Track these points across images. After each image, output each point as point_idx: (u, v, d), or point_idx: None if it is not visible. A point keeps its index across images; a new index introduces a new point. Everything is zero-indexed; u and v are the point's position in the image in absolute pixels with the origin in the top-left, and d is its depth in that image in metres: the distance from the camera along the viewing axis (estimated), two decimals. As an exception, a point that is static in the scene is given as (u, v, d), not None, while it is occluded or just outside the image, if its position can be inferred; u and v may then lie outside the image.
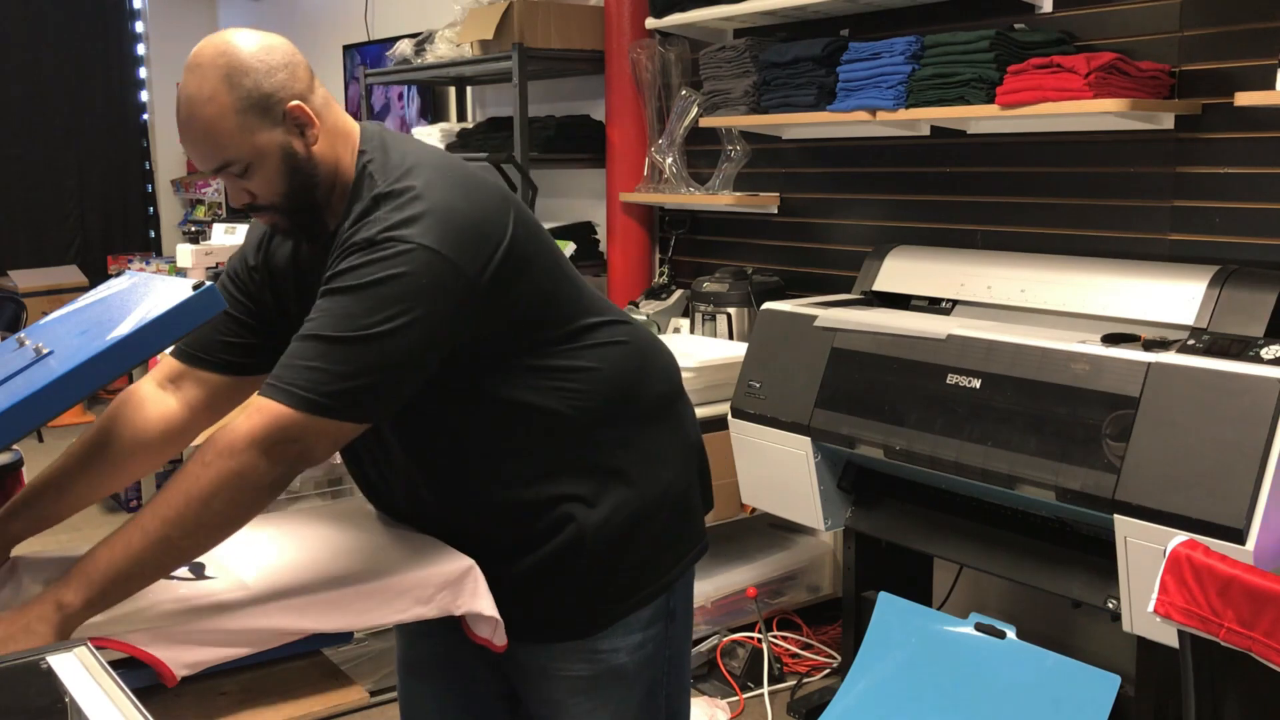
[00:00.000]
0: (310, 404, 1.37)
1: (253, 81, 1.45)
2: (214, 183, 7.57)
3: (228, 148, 1.45)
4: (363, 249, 1.42)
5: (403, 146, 1.55)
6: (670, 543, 1.69)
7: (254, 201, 1.51)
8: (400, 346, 1.40)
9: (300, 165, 1.49)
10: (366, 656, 3.12)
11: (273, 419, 1.37)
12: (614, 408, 1.63)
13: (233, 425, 1.38)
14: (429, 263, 1.41)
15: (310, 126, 1.49)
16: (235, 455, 1.36)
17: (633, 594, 1.65)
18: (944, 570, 3.19)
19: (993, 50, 2.94)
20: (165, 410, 1.67)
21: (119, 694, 1.08)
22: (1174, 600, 1.75)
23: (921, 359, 2.68)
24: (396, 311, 1.39)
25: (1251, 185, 2.73)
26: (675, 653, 1.74)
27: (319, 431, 1.39)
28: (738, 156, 3.97)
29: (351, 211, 1.49)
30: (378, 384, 1.41)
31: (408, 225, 1.42)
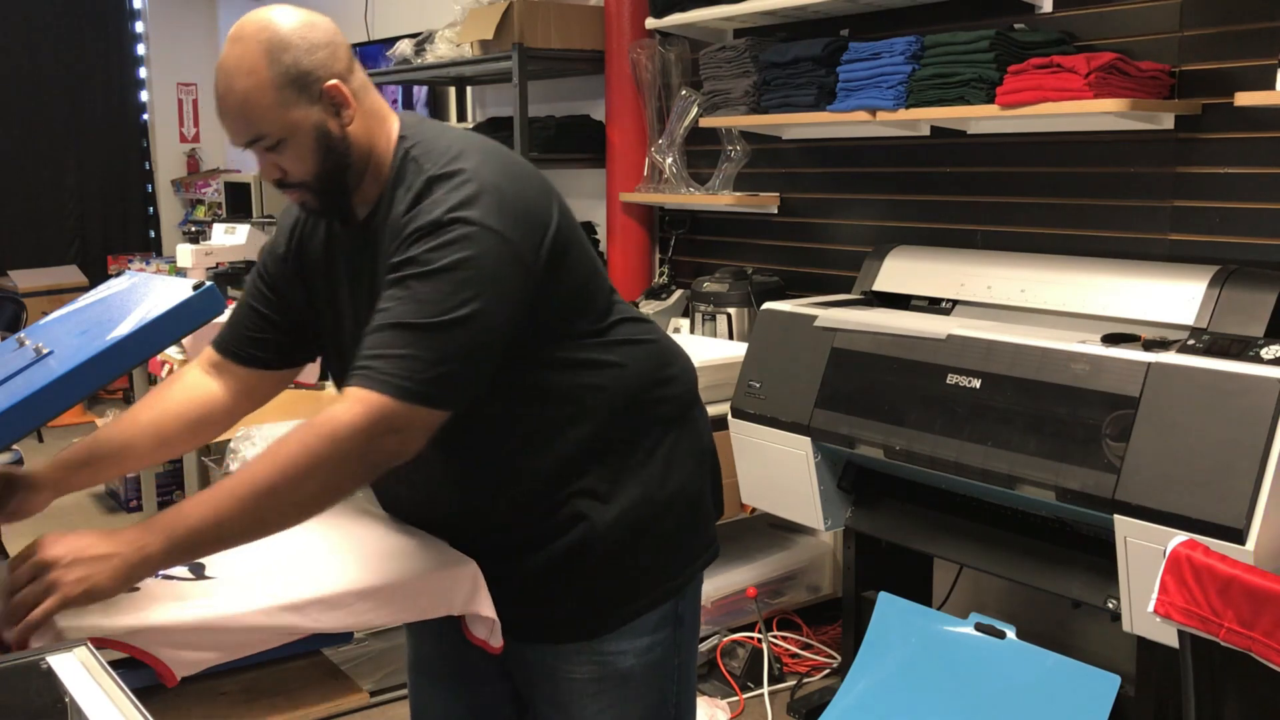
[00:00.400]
0: (410, 393, 1.37)
1: (292, 58, 1.45)
2: (214, 183, 7.57)
3: (262, 121, 1.46)
4: (430, 233, 1.42)
5: (446, 132, 1.57)
6: (680, 546, 1.69)
7: (284, 178, 1.52)
8: (481, 328, 1.41)
9: (334, 145, 1.49)
10: (366, 656, 3.11)
11: (375, 410, 1.37)
12: (634, 406, 1.63)
13: (333, 412, 1.37)
14: (495, 244, 1.42)
15: (346, 107, 1.50)
16: (336, 441, 1.36)
17: (641, 596, 1.65)
18: (944, 570, 3.19)
19: (993, 50, 2.94)
20: (209, 394, 1.70)
21: (119, 694, 1.09)
22: (1174, 600, 1.75)
23: (921, 359, 2.68)
24: (472, 294, 1.40)
25: (1251, 185, 2.73)
26: (684, 660, 1.74)
27: (418, 421, 1.39)
28: (738, 156, 3.97)
29: (396, 197, 1.49)
30: (466, 369, 1.42)
31: (469, 206, 1.42)
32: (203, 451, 4.24)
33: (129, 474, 1.69)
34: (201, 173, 8.06)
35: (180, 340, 2.65)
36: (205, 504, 1.36)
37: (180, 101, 8.12)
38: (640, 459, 1.63)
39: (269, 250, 1.71)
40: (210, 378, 1.72)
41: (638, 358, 1.65)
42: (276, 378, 1.74)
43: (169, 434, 1.68)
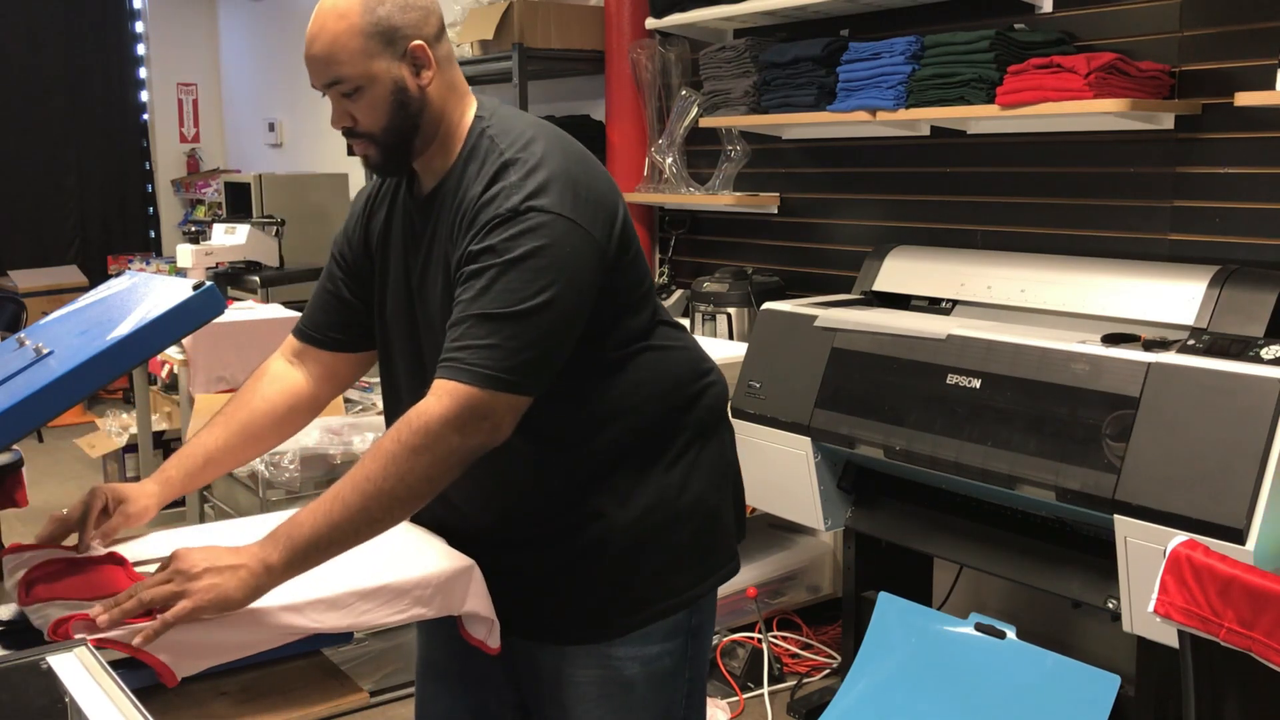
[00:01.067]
0: (495, 381, 1.42)
1: (386, 11, 1.50)
2: (214, 183, 7.57)
3: (344, 64, 1.50)
4: (506, 220, 1.45)
5: (521, 118, 1.61)
6: (695, 557, 1.68)
7: (354, 126, 1.55)
8: (558, 314, 1.45)
9: (408, 103, 1.53)
10: (366, 656, 3.12)
11: (464, 400, 1.41)
12: (665, 411, 1.64)
13: (425, 407, 1.42)
14: (569, 231, 1.46)
15: (427, 68, 1.53)
16: (430, 435, 1.41)
17: (652, 603, 1.64)
18: (944, 570, 3.19)
19: (993, 50, 2.94)
20: (293, 384, 1.75)
21: (119, 694, 1.09)
22: (1174, 600, 1.75)
23: (921, 359, 2.68)
24: (549, 281, 1.44)
25: (1251, 185, 2.73)
26: (694, 676, 1.73)
27: (506, 406, 1.44)
28: (738, 156, 3.97)
29: (469, 171, 1.53)
30: (547, 354, 1.46)
31: (544, 194, 1.46)
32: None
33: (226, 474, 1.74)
34: (201, 173, 8.06)
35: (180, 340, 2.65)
36: (319, 511, 1.41)
37: (180, 101, 8.12)
38: (663, 465, 1.64)
39: (342, 232, 1.75)
40: (293, 367, 1.77)
41: (674, 362, 1.67)
42: (358, 360, 1.78)
43: (259, 431, 1.73)
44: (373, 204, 1.73)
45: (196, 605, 1.34)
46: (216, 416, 1.72)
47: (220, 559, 1.38)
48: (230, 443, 1.70)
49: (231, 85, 8.08)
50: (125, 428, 4.92)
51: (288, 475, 3.34)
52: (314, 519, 1.41)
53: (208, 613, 1.35)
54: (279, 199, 6.09)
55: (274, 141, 7.46)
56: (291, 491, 3.33)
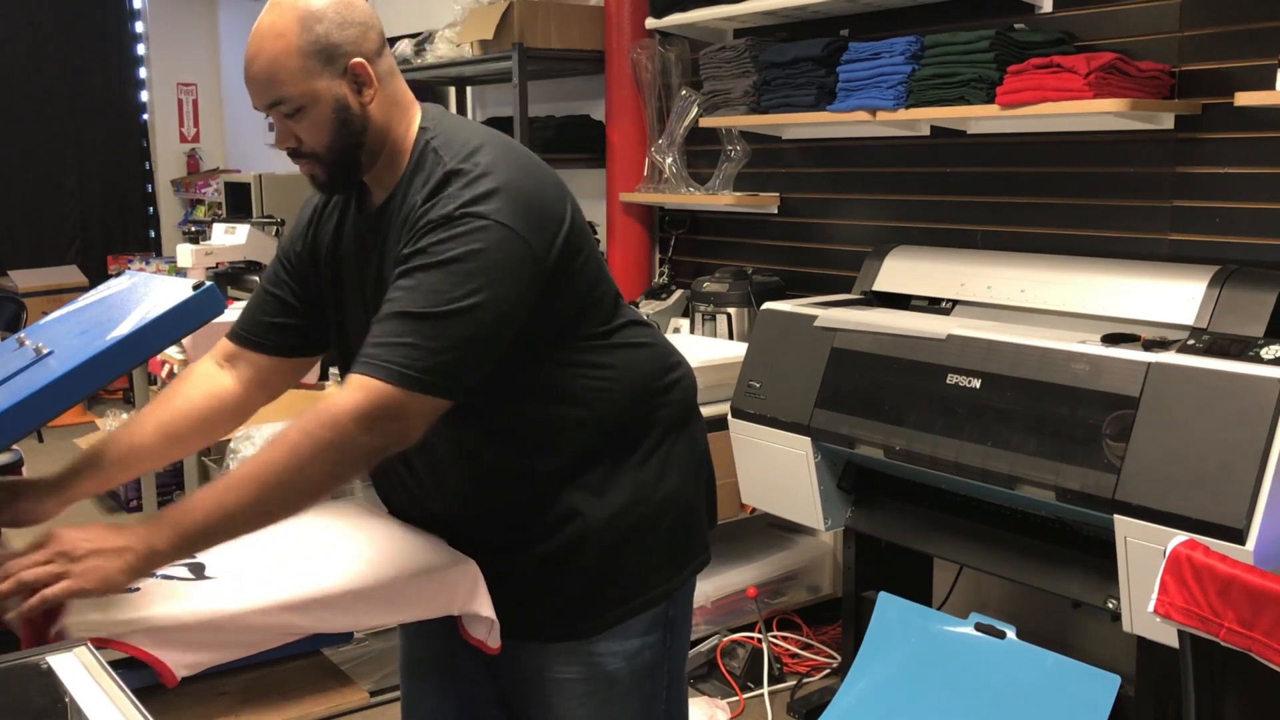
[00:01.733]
0: (409, 380, 1.40)
1: (324, 29, 1.49)
2: (214, 183, 7.57)
3: (285, 84, 1.49)
4: (441, 225, 1.44)
5: (466, 127, 1.59)
6: (672, 551, 1.69)
7: (299, 147, 1.55)
8: (484, 319, 1.43)
9: (350, 120, 1.52)
10: (366, 656, 3.11)
11: (375, 396, 1.39)
12: (636, 408, 1.64)
13: (334, 400, 1.40)
14: (505, 238, 1.44)
15: (368, 86, 1.53)
16: (338, 429, 1.39)
17: (631, 598, 1.65)
18: (944, 570, 3.19)
19: (993, 50, 2.94)
20: (222, 388, 1.72)
21: (119, 694, 1.09)
22: (1174, 600, 1.75)
23: (921, 359, 2.68)
24: (478, 285, 1.42)
25: (1251, 185, 2.73)
26: (674, 667, 1.74)
27: (418, 408, 1.42)
28: (738, 156, 3.97)
29: (414, 184, 1.52)
30: (467, 358, 1.44)
31: (482, 202, 1.45)
32: (203, 451, 4.24)
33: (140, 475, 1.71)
34: (201, 173, 8.06)
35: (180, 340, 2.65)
36: (211, 497, 1.39)
37: (180, 101, 8.12)
38: (636, 461, 1.64)
39: (288, 237, 1.74)
40: (223, 370, 1.74)
41: (642, 360, 1.66)
42: (290, 366, 1.76)
43: (179, 431, 1.69)
44: (321, 214, 1.71)
45: (78, 587, 1.32)
46: (135, 415, 1.69)
47: (105, 540, 1.36)
48: (146, 442, 1.66)
49: (231, 85, 8.07)
50: (125, 428, 4.90)
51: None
52: (207, 505, 1.39)
53: (90, 594, 1.33)
54: (279, 199, 6.09)
55: (274, 141, 7.45)
56: None
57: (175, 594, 1.47)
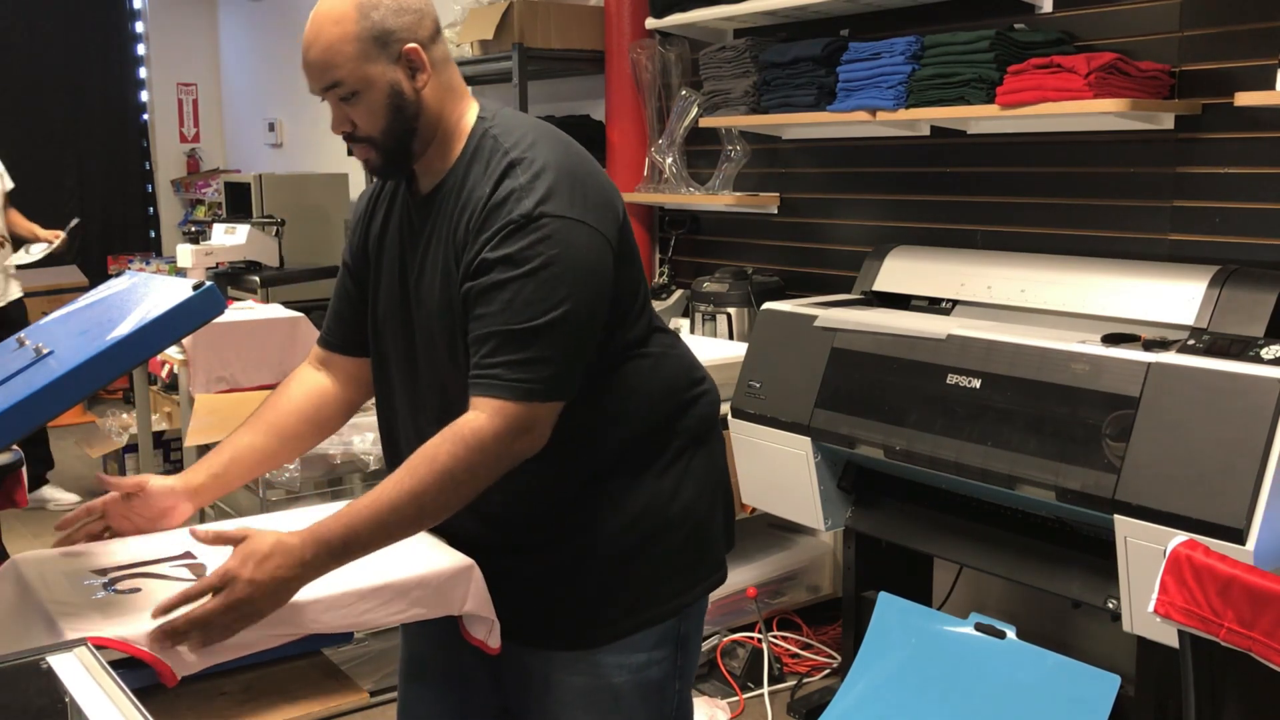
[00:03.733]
0: (534, 394, 1.47)
1: (380, 15, 1.52)
2: (214, 183, 7.57)
3: (340, 69, 1.52)
4: (521, 228, 1.47)
5: (522, 118, 1.63)
6: (684, 566, 1.69)
7: (354, 131, 1.57)
8: (583, 318, 1.49)
9: (404, 105, 1.55)
10: (366, 656, 3.12)
11: (510, 417, 1.46)
12: (659, 417, 1.65)
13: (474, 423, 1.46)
14: (586, 235, 1.50)
15: (422, 71, 1.55)
16: (483, 451, 1.45)
17: (640, 611, 1.65)
18: (944, 570, 3.19)
19: (993, 50, 2.94)
20: (318, 386, 1.79)
21: (119, 694, 1.09)
22: (1174, 600, 1.75)
23: (921, 359, 2.68)
24: (569, 289, 1.47)
25: (1251, 185, 2.73)
26: (683, 687, 1.74)
27: (545, 416, 1.49)
28: (738, 156, 3.97)
29: (473, 171, 1.55)
30: (576, 357, 1.50)
31: (553, 198, 1.48)
32: (203, 451, 4.24)
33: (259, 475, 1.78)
34: (201, 173, 8.06)
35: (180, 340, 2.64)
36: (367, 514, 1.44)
37: (180, 101, 8.12)
38: (655, 472, 1.64)
39: (348, 242, 1.78)
40: (320, 373, 1.80)
41: (670, 369, 1.68)
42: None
43: (292, 431, 1.76)
44: (374, 205, 1.74)
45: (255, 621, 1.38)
46: (249, 420, 1.76)
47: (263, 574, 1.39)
48: (257, 443, 1.73)
49: (231, 85, 8.08)
50: (125, 428, 4.92)
51: (288, 475, 3.34)
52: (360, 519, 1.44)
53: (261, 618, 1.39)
54: (279, 199, 6.09)
55: (274, 141, 7.45)
56: (291, 491, 3.33)
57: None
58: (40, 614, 1.42)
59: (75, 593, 1.48)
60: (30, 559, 1.60)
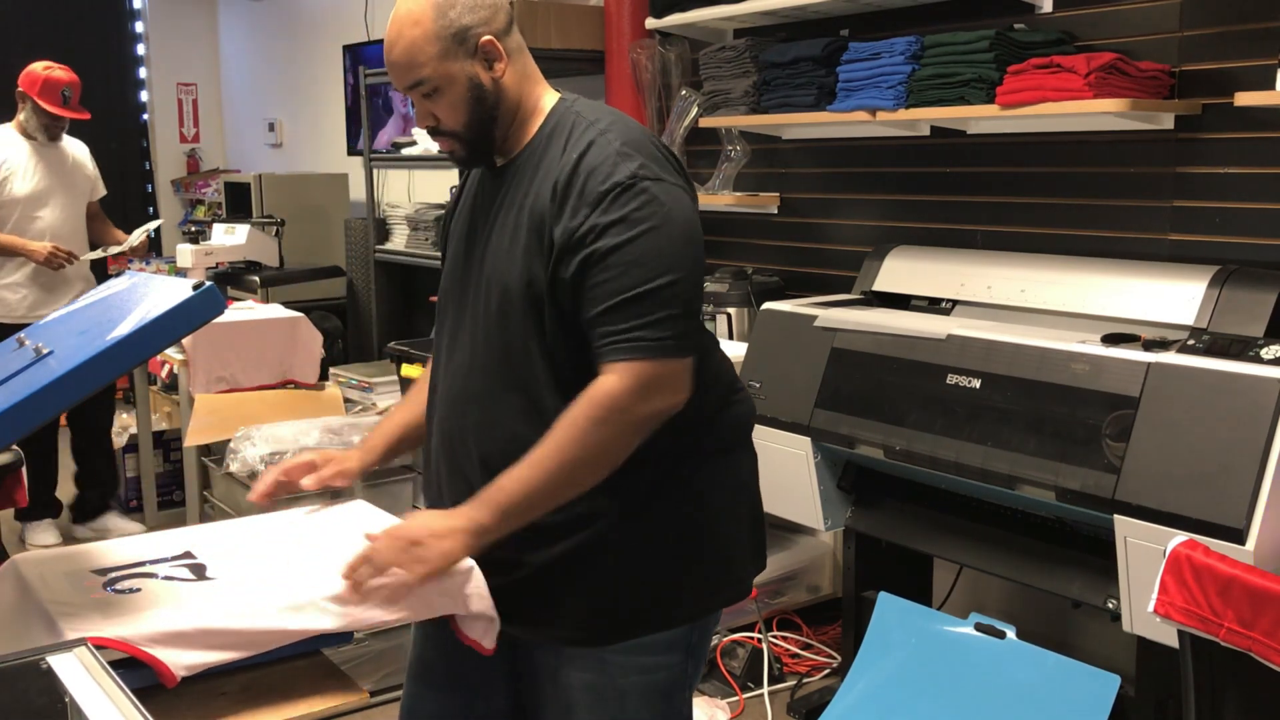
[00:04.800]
0: (662, 350, 1.53)
1: (456, 13, 1.59)
2: (214, 183, 7.57)
3: (423, 68, 1.59)
4: (625, 191, 1.53)
5: (599, 104, 1.71)
6: (701, 574, 1.68)
7: (437, 125, 1.64)
8: (690, 272, 1.56)
9: (484, 96, 1.62)
10: (366, 656, 3.12)
11: (640, 375, 1.52)
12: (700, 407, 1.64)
13: (607, 386, 1.53)
14: (678, 193, 1.58)
15: (499, 61, 1.62)
16: (618, 410, 1.52)
17: (651, 613, 1.64)
18: (944, 570, 3.19)
19: (993, 50, 2.94)
20: None
21: (119, 694, 1.09)
22: (1174, 600, 1.75)
23: (921, 359, 2.68)
24: (679, 246, 1.55)
25: (1251, 185, 2.73)
26: (688, 696, 1.74)
27: (676, 371, 1.56)
28: (738, 156, 3.97)
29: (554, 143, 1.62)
30: (694, 309, 1.58)
31: (647, 165, 1.56)
32: (203, 451, 4.25)
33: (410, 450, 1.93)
34: (201, 173, 8.06)
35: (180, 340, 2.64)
36: (521, 479, 1.53)
37: (180, 101, 8.12)
38: (683, 475, 1.65)
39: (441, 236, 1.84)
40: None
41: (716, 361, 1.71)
42: None
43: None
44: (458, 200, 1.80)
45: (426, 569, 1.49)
46: (402, 402, 1.86)
47: (438, 525, 1.53)
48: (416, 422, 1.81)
49: (231, 85, 8.08)
50: (125, 427, 4.92)
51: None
52: (518, 485, 1.53)
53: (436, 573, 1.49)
54: (279, 199, 6.09)
55: (274, 141, 7.45)
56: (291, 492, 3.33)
57: (176, 595, 1.47)
58: (40, 614, 1.42)
59: (75, 593, 1.48)
60: (30, 559, 1.61)
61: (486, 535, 1.52)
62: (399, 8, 1.60)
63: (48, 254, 4.28)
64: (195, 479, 4.24)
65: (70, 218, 4.54)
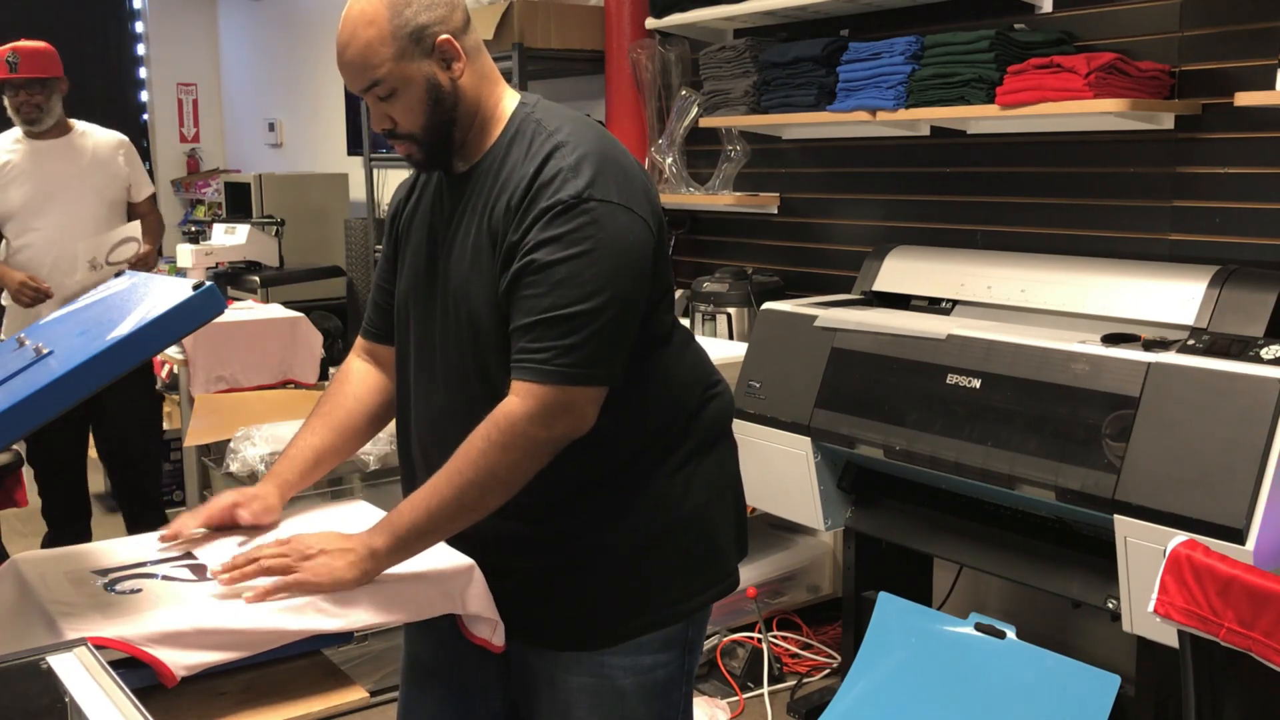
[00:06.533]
0: (570, 377, 1.48)
1: (412, 12, 1.53)
2: (214, 183, 7.57)
3: (378, 68, 1.53)
4: (568, 210, 1.48)
5: (561, 108, 1.65)
6: (693, 570, 1.68)
7: (394, 129, 1.59)
8: (622, 301, 1.50)
9: (443, 98, 1.56)
10: (366, 656, 3.12)
11: (545, 399, 1.48)
12: (675, 412, 1.64)
13: (511, 409, 1.49)
14: (627, 219, 1.51)
15: (456, 61, 1.56)
16: (516, 433, 1.48)
17: (647, 612, 1.64)
18: (944, 570, 3.19)
19: (993, 50, 2.94)
20: (377, 380, 1.81)
21: (119, 694, 1.08)
22: (1174, 600, 1.75)
23: (921, 359, 2.68)
24: (612, 274, 1.49)
25: (1251, 185, 2.73)
26: (686, 692, 1.73)
27: (584, 398, 1.50)
28: (738, 156, 3.97)
29: (513, 151, 1.57)
30: (618, 341, 1.52)
31: (599, 183, 1.50)
32: (203, 451, 4.24)
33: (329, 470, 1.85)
34: (201, 173, 8.06)
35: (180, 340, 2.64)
36: (419, 505, 1.50)
37: (180, 101, 8.12)
38: (666, 473, 1.64)
39: (386, 232, 1.80)
40: (370, 364, 1.81)
41: (689, 367, 1.69)
42: None
43: (358, 426, 1.79)
44: (410, 192, 1.76)
45: (310, 581, 1.45)
46: (313, 418, 1.79)
47: (333, 542, 1.49)
48: (333, 441, 1.77)
49: (231, 85, 8.08)
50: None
51: (288, 475, 3.33)
52: (415, 512, 1.50)
53: (320, 590, 1.45)
54: (279, 199, 6.09)
55: (274, 141, 7.45)
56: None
57: (177, 595, 1.47)
58: (40, 614, 1.42)
59: (75, 593, 1.48)
60: (30, 559, 1.60)
61: (380, 560, 1.49)
62: (351, 7, 1.55)
63: (17, 287, 3.74)
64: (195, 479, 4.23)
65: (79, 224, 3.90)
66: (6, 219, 3.88)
